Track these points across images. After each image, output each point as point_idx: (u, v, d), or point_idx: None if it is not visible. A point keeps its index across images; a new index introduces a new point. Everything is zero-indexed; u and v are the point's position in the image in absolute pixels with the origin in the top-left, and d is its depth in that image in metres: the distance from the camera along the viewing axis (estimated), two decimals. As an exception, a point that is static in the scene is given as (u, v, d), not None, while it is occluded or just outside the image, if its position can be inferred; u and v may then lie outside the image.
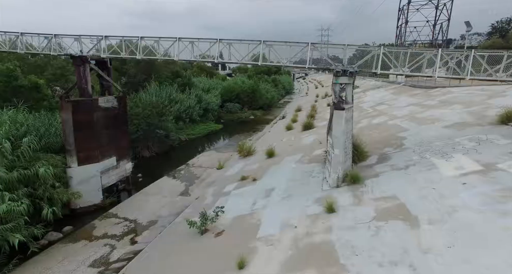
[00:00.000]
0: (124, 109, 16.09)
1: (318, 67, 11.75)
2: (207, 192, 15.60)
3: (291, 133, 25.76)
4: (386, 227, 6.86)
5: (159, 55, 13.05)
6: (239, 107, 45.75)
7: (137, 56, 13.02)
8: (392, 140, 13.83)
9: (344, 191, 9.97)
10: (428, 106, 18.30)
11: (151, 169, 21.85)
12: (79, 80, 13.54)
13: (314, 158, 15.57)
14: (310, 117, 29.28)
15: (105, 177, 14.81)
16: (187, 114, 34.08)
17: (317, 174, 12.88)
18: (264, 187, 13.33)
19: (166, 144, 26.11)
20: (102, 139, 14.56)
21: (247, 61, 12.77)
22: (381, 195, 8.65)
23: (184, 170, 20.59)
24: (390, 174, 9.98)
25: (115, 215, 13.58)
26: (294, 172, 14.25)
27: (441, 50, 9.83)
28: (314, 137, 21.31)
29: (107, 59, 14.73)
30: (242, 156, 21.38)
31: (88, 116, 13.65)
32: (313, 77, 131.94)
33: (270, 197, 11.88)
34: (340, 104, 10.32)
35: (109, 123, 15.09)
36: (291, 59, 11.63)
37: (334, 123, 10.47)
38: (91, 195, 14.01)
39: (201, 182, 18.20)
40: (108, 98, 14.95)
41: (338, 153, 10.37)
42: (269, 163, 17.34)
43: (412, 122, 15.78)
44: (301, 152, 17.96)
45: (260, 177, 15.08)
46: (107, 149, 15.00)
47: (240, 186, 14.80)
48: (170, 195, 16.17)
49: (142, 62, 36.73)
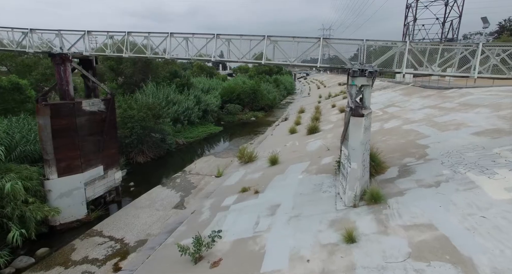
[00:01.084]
0: (112, 112, 14.55)
1: (331, 66, 10.18)
2: (204, 205, 14.06)
3: (295, 137, 24.21)
4: (430, 271, 5.29)
5: (148, 53, 11.50)
6: (239, 108, 44.23)
7: (124, 54, 11.48)
8: (411, 148, 12.26)
9: (363, 212, 8.41)
10: (447, 109, 16.72)
11: (145, 176, 20.33)
12: (59, 81, 12.02)
13: (323, 167, 14.02)
14: (314, 120, 27.74)
15: (90, 189, 13.28)
16: (186, 116, 32.58)
17: (328, 187, 11.32)
18: (267, 202, 11.78)
19: (162, 148, 24.57)
20: (86, 146, 13.03)
21: (249, 60, 11.23)
22: (412, 221, 7.08)
23: (180, 178, 19.06)
24: (418, 192, 8.41)
25: (99, 233, 12.04)
26: (301, 184, 12.69)
27: (482, 45, 8.25)
28: (320, 141, 19.77)
29: (92, 58, 13.21)
30: (243, 162, 19.84)
31: (69, 121, 12.12)
32: (315, 78, 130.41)
33: (275, 215, 10.33)
34: (359, 110, 8.76)
35: (95, 128, 13.56)
36: (299, 57, 10.07)
37: (351, 132, 8.91)
38: (74, 210, 12.49)
39: (198, 192, 16.67)
40: (94, 101, 13.42)
41: (355, 167, 8.80)
42: (273, 172, 15.79)
43: (431, 128, 14.20)
44: (307, 159, 16.41)
45: (263, 188, 13.54)
46: (93, 157, 13.47)
47: (240, 199, 13.26)
48: (163, 208, 14.63)
49: (139, 62, 35.44)
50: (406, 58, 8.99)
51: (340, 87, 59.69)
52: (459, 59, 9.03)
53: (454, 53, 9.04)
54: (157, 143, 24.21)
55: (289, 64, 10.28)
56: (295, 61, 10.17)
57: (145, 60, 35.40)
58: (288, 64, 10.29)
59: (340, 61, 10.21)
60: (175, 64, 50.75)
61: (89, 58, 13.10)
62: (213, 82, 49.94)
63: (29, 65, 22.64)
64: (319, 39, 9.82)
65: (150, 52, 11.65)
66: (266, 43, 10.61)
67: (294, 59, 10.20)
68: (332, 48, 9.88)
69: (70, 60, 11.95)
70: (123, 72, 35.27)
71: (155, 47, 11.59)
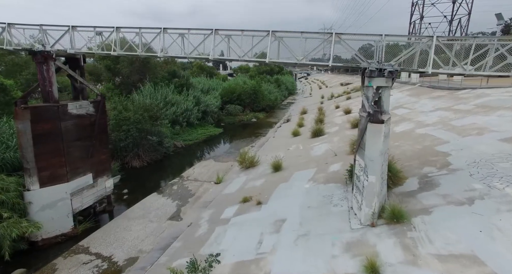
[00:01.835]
0: (103, 115, 13.42)
1: (344, 65, 9.02)
2: (202, 216, 12.93)
3: (299, 140, 23.07)
4: None
5: (139, 51, 10.36)
6: (240, 109, 43.12)
7: (113, 52, 10.35)
8: (430, 156, 11.11)
9: (384, 233, 7.26)
10: (463, 112, 15.56)
11: (140, 181, 19.22)
12: (41, 82, 10.88)
13: (331, 175, 12.87)
14: (318, 122, 26.61)
15: (78, 199, 12.15)
16: (184, 117, 31.45)
17: (339, 200, 10.18)
18: (271, 215, 10.64)
19: (159, 152, 23.44)
20: (73, 153, 11.90)
21: (251, 58, 10.09)
22: (447, 250, 5.93)
23: (177, 184, 17.92)
24: (448, 211, 7.26)
25: (86, 250, 10.90)
26: (308, 194, 11.55)
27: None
28: (326, 146, 18.62)
29: (79, 56, 12.08)
30: (244, 167, 18.71)
31: (53, 125, 10.99)
32: (316, 78, 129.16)
33: (280, 233, 9.19)
34: (378, 115, 7.61)
35: (83, 133, 12.44)
36: (308, 55, 8.92)
37: (368, 141, 7.76)
38: (58, 223, 11.36)
39: (195, 200, 15.53)
40: (82, 103, 12.29)
41: (374, 180, 7.66)
42: (276, 180, 14.65)
43: (449, 132, 13.04)
44: (313, 165, 15.26)
45: (266, 199, 12.41)
46: (81, 165, 12.35)
47: (241, 210, 12.13)
48: (158, 219, 13.50)
49: (136, 61, 34.31)
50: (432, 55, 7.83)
51: (342, 88, 58.56)
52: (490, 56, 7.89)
53: (487, 49, 7.88)
54: (154, 146, 23.10)
55: (297, 63, 9.14)
56: (304, 59, 9.02)
57: (142, 60, 34.32)
58: (295, 63, 9.14)
59: (354, 60, 9.08)
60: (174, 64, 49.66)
61: (76, 56, 11.98)
62: (213, 82, 48.80)
63: (19, 65, 21.52)
64: (330, 34, 8.67)
65: (142, 50, 10.51)
66: (271, 40, 9.48)
67: (302, 57, 9.05)
68: (345, 45, 8.73)
69: (54, 59, 10.82)
70: (120, 72, 34.14)
71: (147, 45, 10.43)
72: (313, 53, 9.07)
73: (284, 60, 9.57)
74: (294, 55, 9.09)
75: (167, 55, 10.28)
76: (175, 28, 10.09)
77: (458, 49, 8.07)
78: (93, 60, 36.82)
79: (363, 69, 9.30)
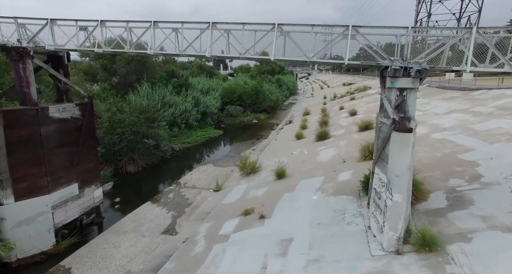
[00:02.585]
0: (90, 119, 12.22)
1: (362, 64, 7.78)
2: (199, 230, 11.72)
3: (302, 143, 21.85)
4: None
5: (128, 47, 9.15)
6: (241, 110, 41.91)
7: (97, 49, 9.14)
8: (455, 166, 9.88)
9: (415, 266, 6.03)
10: (484, 114, 14.32)
11: (134, 188, 18.02)
12: (17, 82, 9.69)
13: (342, 186, 11.66)
14: (323, 124, 25.40)
15: (60, 213, 10.95)
16: (183, 119, 30.26)
17: (353, 216, 8.96)
18: (276, 233, 9.43)
19: (155, 156, 22.22)
20: (55, 161, 10.71)
21: (253, 55, 8.88)
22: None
23: (174, 192, 16.72)
24: (494, 239, 6.03)
25: (67, 271, 9.70)
26: (317, 208, 10.34)
27: None
28: (333, 150, 17.40)
29: (63, 54, 10.88)
30: (245, 173, 17.50)
31: (31, 131, 9.79)
32: (317, 77, 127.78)
33: (287, 256, 7.97)
34: (405, 123, 6.39)
35: (68, 139, 11.24)
36: (321, 51, 7.71)
37: (392, 152, 6.53)
38: (37, 240, 10.17)
39: (193, 210, 14.33)
40: (66, 106, 11.09)
41: (400, 200, 6.43)
42: (280, 189, 13.44)
43: (472, 138, 11.81)
44: (320, 173, 14.05)
45: (270, 212, 11.20)
46: (64, 174, 11.15)
47: (242, 225, 10.92)
48: (151, 233, 12.29)
49: (133, 61, 33.12)
50: (471, 51, 6.60)
51: (345, 88, 57.35)
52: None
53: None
54: (150, 149, 21.87)
55: (306, 61, 7.92)
56: (315, 57, 7.80)
57: (140, 59, 33.17)
58: (304, 61, 7.92)
59: (369, 57, 7.87)
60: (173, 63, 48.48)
61: (59, 54, 10.78)
62: (213, 82, 47.58)
63: (7, 64, 20.29)
64: (346, 28, 7.45)
65: (131, 46, 9.30)
66: (276, 35, 8.27)
67: (313, 54, 7.83)
68: (362, 40, 7.52)
69: (31, 56, 9.62)
70: (116, 71, 32.96)
71: (136, 40, 9.23)
72: (327, 49, 7.86)
73: (291, 58, 8.35)
74: (304, 52, 7.87)
75: (159, 52, 9.08)
76: (167, 21, 8.87)
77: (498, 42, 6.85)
78: (89, 59, 35.66)
79: (381, 68, 8.11)
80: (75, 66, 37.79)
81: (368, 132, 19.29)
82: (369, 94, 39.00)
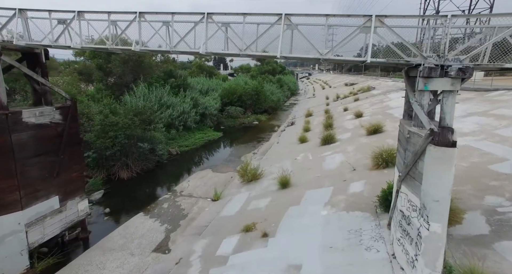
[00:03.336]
0: (74, 124, 10.96)
1: (388, 61, 6.47)
2: (194, 249, 10.46)
3: (307, 147, 20.58)
4: None
5: (109, 43, 7.88)
6: (241, 111, 40.63)
7: (73, 45, 7.88)
8: (488, 179, 8.59)
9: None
10: (509, 118, 13.03)
11: (127, 197, 16.76)
12: (-17, 83, 8.45)
13: (354, 199, 10.39)
14: (327, 127, 24.11)
15: (36, 231, 9.68)
16: (181, 121, 29.00)
17: (372, 240, 7.68)
18: (282, 257, 8.17)
19: (151, 161, 20.95)
20: (30, 172, 9.44)
21: (255, 52, 7.61)
22: None
23: (169, 202, 15.46)
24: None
25: (41, 301, 8.45)
26: (328, 227, 9.07)
27: None
28: (340, 156, 16.12)
29: (39, 51, 9.61)
30: (245, 181, 16.24)
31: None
32: (318, 77, 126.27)
33: (296, 291, 6.71)
34: (447, 134, 5.10)
35: (46, 146, 9.98)
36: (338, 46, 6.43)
37: (430, 171, 5.26)
38: (7, 264, 8.89)
39: (188, 223, 13.07)
40: (44, 109, 9.82)
41: (440, 230, 5.16)
42: (284, 201, 12.19)
43: (501, 145, 10.52)
44: (328, 182, 12.79)
45: (274, 229, 9.95)
46: (42, 187, 9.89)
47: (243, 244, 9.67)
48: (141, 251, 11.03)
49: (129, 60, 31.83)
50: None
51: (348, 88, 55.97)
52: None
53: None
54: (145, 154, 20.60)
55: (319, 59, 6.64)
56: (329, 53, 6.52)
57: (136, 58, 31.91)
58: (317, 58, 6.65)
59: (389, 53, 6.62)
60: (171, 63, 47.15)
61: (35, 51, 9.51)
62: (213, 82, 46.30)
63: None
64: (368, 18, 6.17)
65: (113, 41, 8.02)
66: (283, 28, 7.00)
67: (328, 50, 6.55)
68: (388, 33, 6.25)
69: None
70: (112, 71, 31.70)
71: (119, 34, 7.96)
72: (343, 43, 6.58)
73: (301, 55, 7.08)
74: (316, 48, 6.60)
75: (145, 49, 7.82)
76: (154, 12, 7.61)
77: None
78: (84, 58, 34.39)
79: (406, 68, 6.86)
80: (70, 66, 36.58)
81: (377, 137, 18.02)
82: (373, 95, 37.70)
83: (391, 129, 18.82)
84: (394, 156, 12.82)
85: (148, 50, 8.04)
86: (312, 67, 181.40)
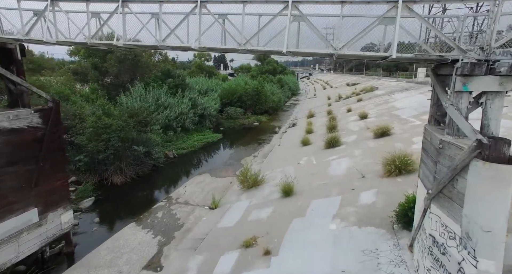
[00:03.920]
0: (56, 128, 9.90)
1: (416, 56, 5.40)
2: (189, 266, 9.43)
3: (310, 151, 19.51)
4: None
5: (88, 37, 6.82)
6: (241, 111, 39.57)
7: (45, 39, 6.82)
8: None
9: None
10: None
11: (119, 204, 15.74)
12: None
13: (365, 211, 9.34)
14: (331, 129, 23.02)
15: (9, 248, 8.62)
16: (179, 122, 27.96)
17: (391, 265, 6.62)
18: (288, 284, 7.11)
19: (146, 165, 19.88)
20: (3, 182, 8.39)
21: (256, 47, 6.56)
22: None
23: (163, 210, 14.39)
24: None
25: None
26: (338, 245, 8.01)
27: None
28: (347, 161, 15.05)
29: (13, 46, 8.56)
30: (245, 187, 15.19)
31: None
32: (318, 77, 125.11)
33: None
34: (502, 148, 4.03)
35: (23, 154, 8.94)
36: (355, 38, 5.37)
37: (477, 193, 4.19)
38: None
39: (184, 235, 12.01)
40: (20, 112, 8.77)
41: (493, 270, 4.08)
42: (287, 211, 11.15)
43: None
44: (335, 191, 11.74)
45: (276, 245, 8.90)
46: (17, 198, 8.84)
47: (243, 262, 8.63)
48: (130, 268, 9.97)
49: (125, 60, 30.75)
50: None
51: (350, 88, 54.87)
52: None
53: None
54: (140, 157, 19.54)
55: (333, 54, 5.58)
56: (346, 47, 5.46)
57: (133, 58, 30.83)
58: (330, 53, 5.58)
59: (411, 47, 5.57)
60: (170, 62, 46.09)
61: (8, 46, 8.45)
62: (212, 83, 45.23)
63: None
64: (394, 4, 5.12)
65: (92, 36, 6.96)
66: (290, 19, 5.94)
67: (343, 44, 5.49)
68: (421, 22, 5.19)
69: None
70: (107, 71, 30.64)
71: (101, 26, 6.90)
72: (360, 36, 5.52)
73: (310, 50, 6.01)
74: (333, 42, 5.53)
75: (129, 43, 6.76)
76: (140, 1, 6.55)
77: None
78: (79, 58, 33.33)
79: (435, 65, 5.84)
80: (64, 65, 35.55)
81: (385, 140, 16.97)
82: (377, 95, 36.61)
83: (400, 132, 17.77)
84: (409, 162, 11.78)
85: (133, 45, 6.99)
86: (313, 67, 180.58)
